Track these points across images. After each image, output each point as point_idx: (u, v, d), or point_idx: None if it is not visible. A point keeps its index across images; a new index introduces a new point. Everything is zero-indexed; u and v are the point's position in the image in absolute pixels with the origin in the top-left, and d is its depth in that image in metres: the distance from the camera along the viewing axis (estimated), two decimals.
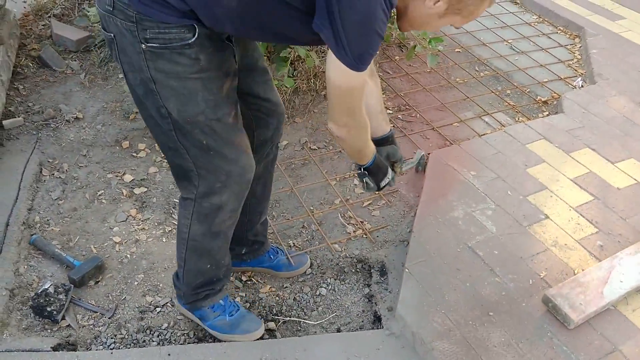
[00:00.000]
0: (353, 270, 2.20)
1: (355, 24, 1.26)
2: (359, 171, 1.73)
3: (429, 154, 2.70)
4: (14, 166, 2.46)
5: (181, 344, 1.88)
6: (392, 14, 1.45)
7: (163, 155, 2.02)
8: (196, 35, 1.37)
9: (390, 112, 3.11)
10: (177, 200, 1.97)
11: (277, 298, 2.08)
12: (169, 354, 1.79)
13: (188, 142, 1.51)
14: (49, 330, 1.90)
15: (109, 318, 1.95)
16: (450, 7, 1.35)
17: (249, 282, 2.13)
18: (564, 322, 1.92)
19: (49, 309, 1.91)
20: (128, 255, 2.19)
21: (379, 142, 1.78)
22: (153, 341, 1.89)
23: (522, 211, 2.39)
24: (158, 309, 2.00)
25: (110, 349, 1.85)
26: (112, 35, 1.40)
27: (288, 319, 2.01)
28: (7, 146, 2.57)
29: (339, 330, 1.98)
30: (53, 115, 2.80)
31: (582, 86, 3.46)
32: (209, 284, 1.84)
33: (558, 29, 4.22)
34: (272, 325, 1.98)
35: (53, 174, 2.50)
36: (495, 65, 3.67)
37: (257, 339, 1.90)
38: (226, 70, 1.50)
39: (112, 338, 1.89)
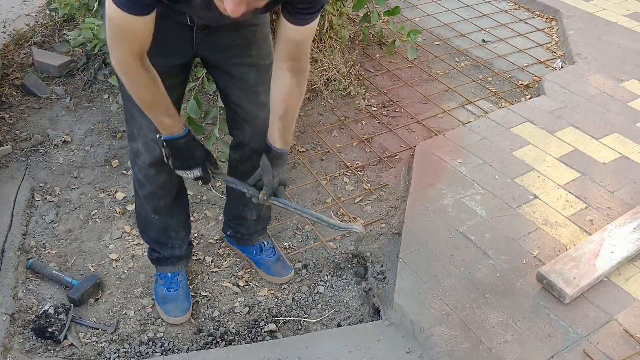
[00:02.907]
0: (349, 266, 2.23)
1: None
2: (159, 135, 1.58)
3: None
4: (5, 194, 2.47)
5: (184, 352, 1.90)
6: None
7: None
8: None
9: (375, 109, 3.14)
10: None
11: (276, 300, 2.10)
12: None
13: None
14: (52, 351, 1.91)
15: (111, 333, 1.97)
16: None
17: (247, 287, 2.15)
18: (559, 297, 1.94)
19: (50, 329, 1.92)
20: (125, 271, 2.20)
21: (267, 149, 1.64)
22: (156, 352, 1.90)
23: (511, 193, 2.42)
24: (159, 320, 2.01)
25: None
26: None
27: (288, 319, 2.03)
28: None
29: (339, 325, 2.00)
30: (41, 140, 2.82)
31: (561, 67, 3.50)
32: (158, 243, 1.99)
33: (534, 13, 4.27)
34: (272, 326, 2.00)
35: (45, 198, 2.52)
36: (475, 54, 3.71)
37: (262, 341, 1.93)
38: (166, 48, 1.48)
39: (115, 353, 1.90)
